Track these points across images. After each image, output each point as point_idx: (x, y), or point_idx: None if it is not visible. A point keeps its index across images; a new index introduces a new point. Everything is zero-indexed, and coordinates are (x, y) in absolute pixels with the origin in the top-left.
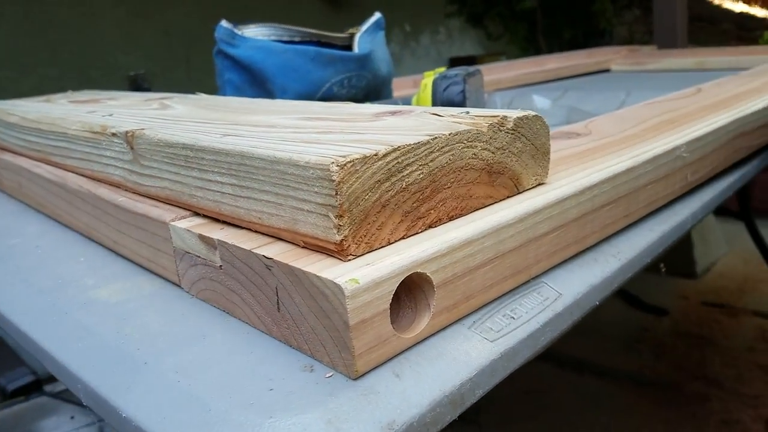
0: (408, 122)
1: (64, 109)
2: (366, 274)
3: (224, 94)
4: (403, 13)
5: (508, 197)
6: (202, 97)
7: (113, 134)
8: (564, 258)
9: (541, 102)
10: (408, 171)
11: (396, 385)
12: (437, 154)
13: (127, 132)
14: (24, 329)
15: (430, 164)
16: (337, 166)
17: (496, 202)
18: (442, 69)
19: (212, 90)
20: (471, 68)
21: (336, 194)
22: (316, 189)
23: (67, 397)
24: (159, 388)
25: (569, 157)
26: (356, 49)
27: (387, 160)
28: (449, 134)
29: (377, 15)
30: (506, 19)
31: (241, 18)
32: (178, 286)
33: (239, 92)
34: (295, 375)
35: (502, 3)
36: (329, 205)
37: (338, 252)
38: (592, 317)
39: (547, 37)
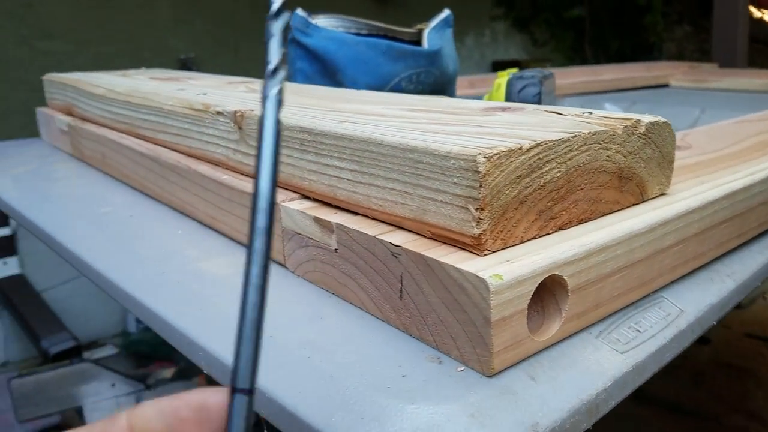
0: (527, 119)
1: (151, 85)
2: (508, 270)
3: (294, 82)
4: (450, 12)
5: (633, 205)
6: (286, 84)
7: (218, 113)
8: (683, 273)
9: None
10: (547, 168)
11: (533, 387)
12: (575, 153)
13: (235, 112)
14: (137, 296)
15: (567, 163)
16: (484, 157)
17: (622, 209)
18: (515, 70)
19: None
20: (545, 71)
21: (480, 186)
22: (455, 180)
23: (108, 364)
24: (290, 362)
25: (679, 169)
26: (425, 44)
27: (530, 155)
28: (588, 133)
29: (446, 11)
30: (553, 26)
31: (290, 8)
32: (281, 265)
33: (309, 81)
34: (423, 365)
35: (550, 9)
36: (470, 197)
37: (473, 246)
38: None
39: (593, 47)
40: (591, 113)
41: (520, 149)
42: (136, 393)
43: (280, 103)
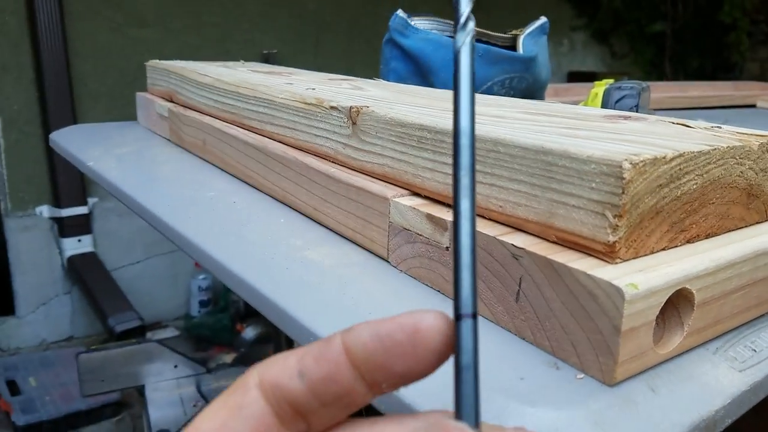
0: (656, 129)
1: (258, 77)
2: (642, 281)
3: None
4: (529, 20)
5: (757, 223)
6: (381, 83)
7: (332, 107)
8: None
9: None
10: (685, 179)
11: (654, 399)
12: (713, 166)
13: (351, 107)
14: (249, 281)
15: (704, 175)
16: (630, 164)
17: (746, 226)
18: (611, 80)
19: None
20: (642, 83)
21: (622, 193)
22: (593, 185)
23: (172, 346)
24: None
25: None
26: (521, 50)
27: (672, 165)
28: (727, 147)
29: (543, 19)
30: (634, 40)
31: (372, 9)
32: (383, 259)
33: (401, 81)
34: (540, 369)
35: (632, 22)
36: (609, 203)
37: (605, 253)
38: None
39: (673, 63)
40: (720, 127)
41: (664, 158)
42: (197, 376)
43: (473, 49)
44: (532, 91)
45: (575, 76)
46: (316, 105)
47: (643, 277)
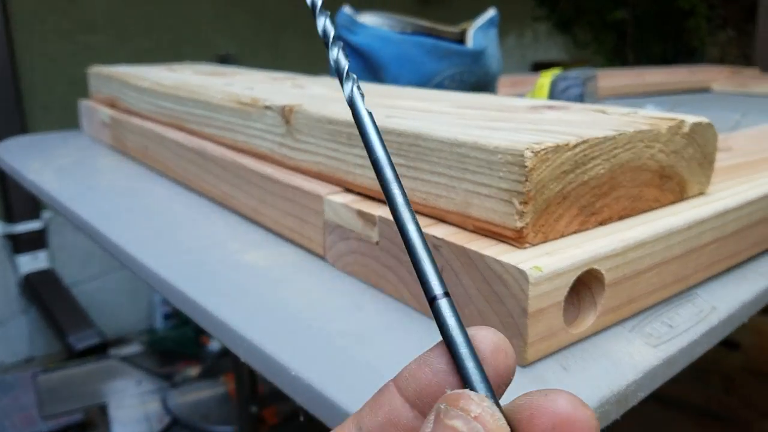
0: (574, 117)
1: (198, 79)
2: (548, 263)
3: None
4: (492, 13)
5: (672, 203)
6: (325, 80)
7: (266, 107)
8: (718, 271)
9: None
10: (592, 165)
11: (565, 377)
12: (620, 150)
13: (284, 107)
14: (178, 286)
15: (612, 160)
16: (532, 152)
17: (661, 207)
18: (558, 70)
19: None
20: (589, 72)
21: (525, 180)
22: (501, 174)
23: (134, 362)
24: (329, 352)
25: (719, 170)
26: (470, 44)
27: (575, 151)
28: (633, 131)
29: (492, 11)
30: (596, 28)
31: (333, 6)
32: (321, 257)
33: None
34: None
35: (593, 11)
36: (514, 191)
37: (515, 239)
38: None
39: (635, 50)
40: (636, 112)
41: (567, 145)
42: (161, 391)
43: (362, 94)
44: (483, 84)
45: (540, 66)
46: (251, 105)
47: (549, 259)
